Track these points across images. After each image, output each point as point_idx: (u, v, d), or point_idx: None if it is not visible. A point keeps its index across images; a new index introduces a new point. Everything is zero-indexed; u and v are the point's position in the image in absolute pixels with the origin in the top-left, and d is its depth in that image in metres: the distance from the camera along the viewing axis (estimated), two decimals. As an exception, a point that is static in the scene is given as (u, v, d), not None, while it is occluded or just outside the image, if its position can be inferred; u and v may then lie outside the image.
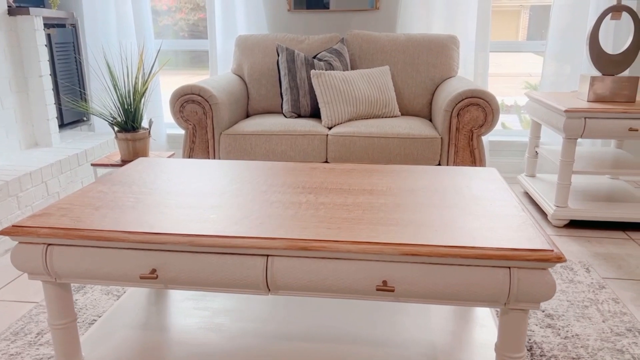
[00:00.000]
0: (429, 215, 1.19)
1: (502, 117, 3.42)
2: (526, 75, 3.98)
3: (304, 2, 3.16)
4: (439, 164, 2.42)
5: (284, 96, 2.80)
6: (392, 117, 2.71)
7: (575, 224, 2.47)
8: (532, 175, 2.89)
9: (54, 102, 2.92)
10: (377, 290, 1.02)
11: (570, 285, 1.87)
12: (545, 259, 0.98)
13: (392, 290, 1.02)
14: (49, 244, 1.17)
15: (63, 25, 3.24)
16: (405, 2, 3.05)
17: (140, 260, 1.13)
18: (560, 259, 0.98)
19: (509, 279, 1.01)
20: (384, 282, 1.04)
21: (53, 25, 3.11)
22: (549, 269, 1.01)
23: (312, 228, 1.11)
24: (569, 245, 2.24)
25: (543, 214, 2.60)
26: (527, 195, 2.88)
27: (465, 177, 1.49)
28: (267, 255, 1.09)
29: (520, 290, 1.01)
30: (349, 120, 2.62)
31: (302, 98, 2.76)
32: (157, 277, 1.12)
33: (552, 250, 0.99)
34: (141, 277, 1.12)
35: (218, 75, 2.92)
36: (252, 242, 1.07)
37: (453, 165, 2.39)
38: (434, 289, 1.03)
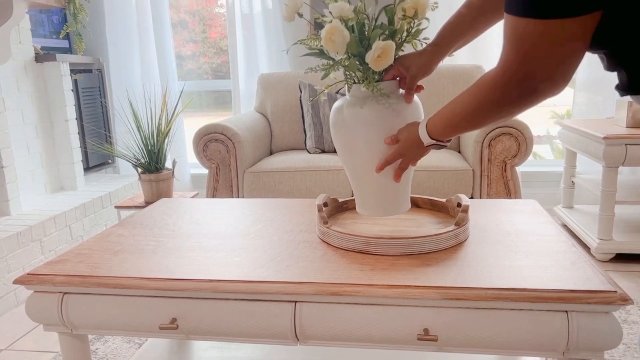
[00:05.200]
0: (471, 253, 1.08)
1: (534, 147, 3.29)
2: (551, 106, 3.87)
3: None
4: (472, 198, 2.31)
5: (307, 132, 2.76)
6: (419, 150, 2.63)
7: (621, 258, 2.31)
8: (570, 207, 2.75)
9: (79, 145, 2.94)
10: (419, 339, 0.92)
11: (624, 326, 1.71)
12: (608, 302, 0.87)
13: (435, 340, 0.91)
14: (65, 293, 1.10)
15: (89, 71, 3.30)
16: (427, 35, 3.00)
17: (160, 308, 1.06)
18: (626, 301, 0.86)
19: (567, 325, 0.89)
20: (426, 331, 0.93)
21: (80, 71, 3.16)
22: (613, 312, 0.89)
23: (344, 270, 1.02)
24: (618, 282, 2.08)
25: (585, 247, 2.44)
26: (566, 228, 2.73)
27: (505, 210, 1.38)
28: (295, 302, 1.00)
29: (580, 337, 0.89)
30: (375, 154, 2.55)
31: (325, 133, 2.71)
32: (177, 327, 1.04)
33: (616, 292, 0.88)
34: (161, 328, 1.04)
35: (241, 114, 2.90)
36: (278, 288, 0.98)
37: (487, 198, 2.27)
38: (482, 338, 0.92)
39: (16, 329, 1.91)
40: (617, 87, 0.82)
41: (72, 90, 2.89)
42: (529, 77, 0.76)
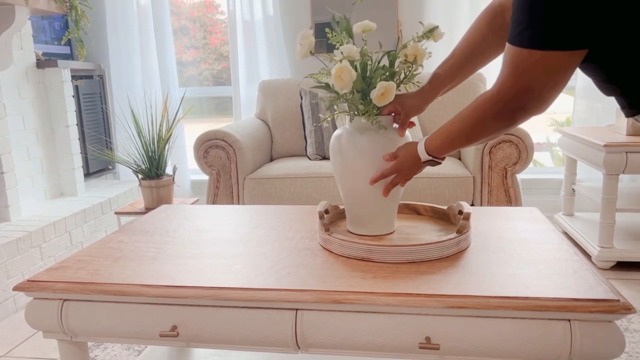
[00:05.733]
0: (473, 261, 1.08)
1: (534, 155, 3.29)
2: (551, 113, 3.87)
3: (324, 46, 3.16)
4: (472, 205, 2.31)
5: (308, 139, 2.76)
6: (419, 157, 2.63)
7: (622, 266, 2.30)
8: (571, 214, 2.74)
9: (79, 151, 2.93)
10: (420, 348, 0.91)
11: (625, 335, 1.70)
12: (611, 310, 0.86)
13: (437, 348, 0.91)
14: (65, 300, 1.09)
15: (90, 77, 3.30)
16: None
17: (160, 316, 1.05)
18: (629, 309, 0.86)
19: (569, 334, 0.89)
20: (427, 339, 0.93)
21: (81, 77, 3.17)
22: (615, 321, 0.89)
23: (345, 278, 1.02)
24: (619, 290, 2.07)
25: (586, 255, 2.44)
26: (567, 236, 2.73)
27: (506, 217, 1.38)
28: (296, 309, 0.99)
29: (583, 346, 0.89)
30: (376, 161, 2.55)
31: (326, 140, 2.71)
32: (177, 334, 1.04)
33: (619, 300, 0.87)
34: (161, 335, 1.04)
35: (242, 120, 2.91)
36: (279, 295, 0.98)
37: (487, 205, 2.27)
38: (484, 346, 0.92)
39: (15, 336, 1.91)
40: (623, 108, 0.87)
41: (73, 96, 2.88)
42: (520, 97, 0.89)
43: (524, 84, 0.87)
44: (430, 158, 1.12)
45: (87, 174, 3.19)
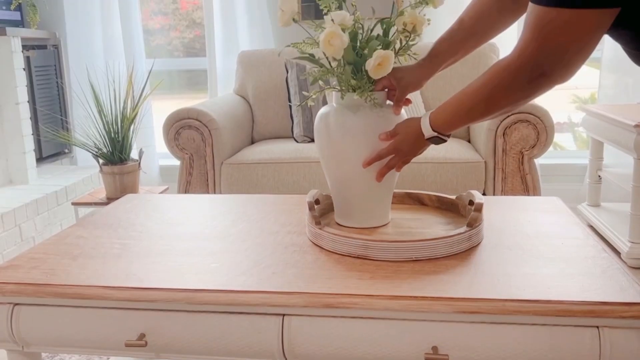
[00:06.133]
0: (486, 259, 1.09)
1: (554, 137, 3.31)
2: (573, 88, 3.88)
3: (312, 12, 3.14)
4: (484, 194, 2.32)
5: (295, 118, 2.76)
6: (424, 139, 2.63)
7: (655, 264, 2.33)
8: (596, 205, 2.77)
9: (31, 132, 2.92)
10: (426, 359, 0.92)
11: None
12: (645, 316, 0.87)
13: None
14: (16, 304, 1.09)
15: (44, 47, 3.27)
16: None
17: (126, 322, 1.06)
18: (664, 314, 0.86)
19: (598, 343, 0.90)
20: (434, 349, 0.93)
21: (33, 47, 3.14)
22: (649, 327, 0.90)
23: (339, 278, 1.02)
24: (649, 290, 2.09)
25: (615, 252, 2.46)
26: (592, 229, 2.75)
27: (524, 208, 1.40)
28: (283, 315, 1.00)
29: (613, 356, 0.90)
30: (374, 144, 2.55)
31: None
32: (146, 343, 1.04)
33: (654, 304, 0.88)
34: (127, 345, 1.04)
35: (218, 97, 2.91)
36: (263, 298, 0.99)
37: (501, 194, 2.29)
38: (499, 357, 0.93)
39: (-43, 346, 1.89)
40: None
41: (23, 69, 2.86)
42: (542, 63, 0.90)
43: (548, 48, 0.88)
44: (435, 135, 1.12)
45: (40, 159, 3.18)
